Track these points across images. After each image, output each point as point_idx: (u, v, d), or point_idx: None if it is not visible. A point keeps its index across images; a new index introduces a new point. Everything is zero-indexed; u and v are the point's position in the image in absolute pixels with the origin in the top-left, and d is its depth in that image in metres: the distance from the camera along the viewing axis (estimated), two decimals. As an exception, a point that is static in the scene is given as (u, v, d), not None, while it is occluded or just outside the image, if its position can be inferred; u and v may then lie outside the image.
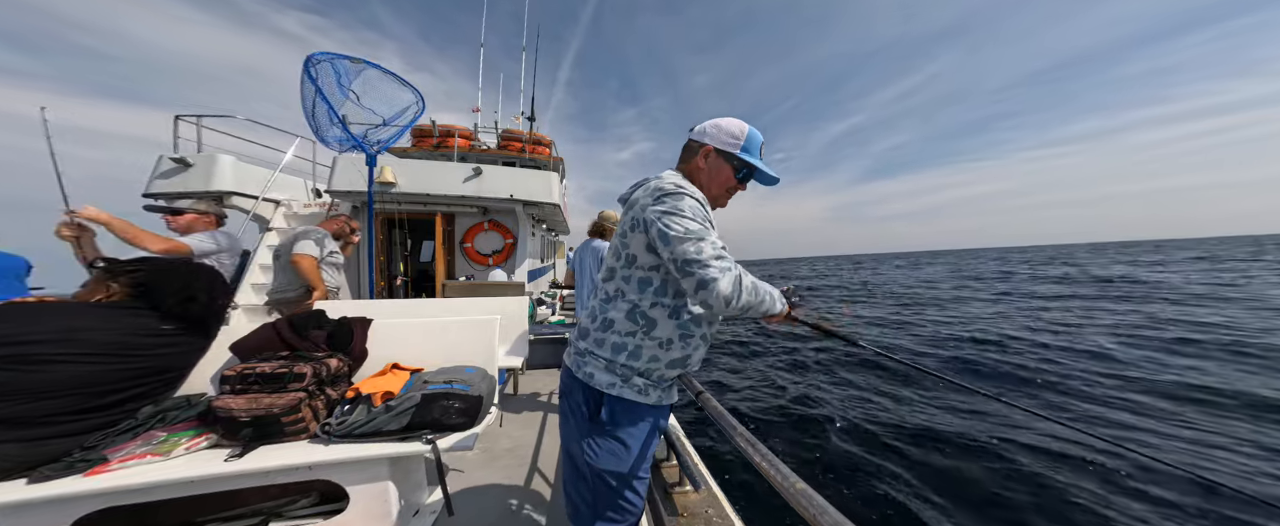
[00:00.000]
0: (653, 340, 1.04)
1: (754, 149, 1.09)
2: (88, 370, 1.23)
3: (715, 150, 1.08)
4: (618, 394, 1.03)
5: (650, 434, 1.09)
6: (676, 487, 1.45)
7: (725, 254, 0.94)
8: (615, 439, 1.03)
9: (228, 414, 1.41)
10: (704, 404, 1.35)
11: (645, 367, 1.05)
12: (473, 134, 8.22)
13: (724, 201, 1.15)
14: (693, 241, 0.92)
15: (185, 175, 4.63)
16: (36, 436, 1.18)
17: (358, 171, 4.35)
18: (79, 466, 1.20)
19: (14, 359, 1.15)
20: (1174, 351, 7.48)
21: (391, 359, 1.94)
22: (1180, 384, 5.83)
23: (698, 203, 0.99)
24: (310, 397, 1.53)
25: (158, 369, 1.41)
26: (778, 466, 0.84)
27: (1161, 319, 10.34)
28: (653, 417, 1.09)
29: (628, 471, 1.04)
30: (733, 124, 1.09)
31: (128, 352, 1.31)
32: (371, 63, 3.26)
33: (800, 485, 0.76)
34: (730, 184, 1.11)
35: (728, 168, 1.09)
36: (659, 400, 1.09)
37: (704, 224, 0.96)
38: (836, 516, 0.66)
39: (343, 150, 3.58)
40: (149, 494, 1.26)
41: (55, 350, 1.20)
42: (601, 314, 1.10)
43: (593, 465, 1.03)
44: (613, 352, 1.05)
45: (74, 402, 1.22)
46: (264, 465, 1.34)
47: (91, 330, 1.27)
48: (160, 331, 1.38)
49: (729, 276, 0.91)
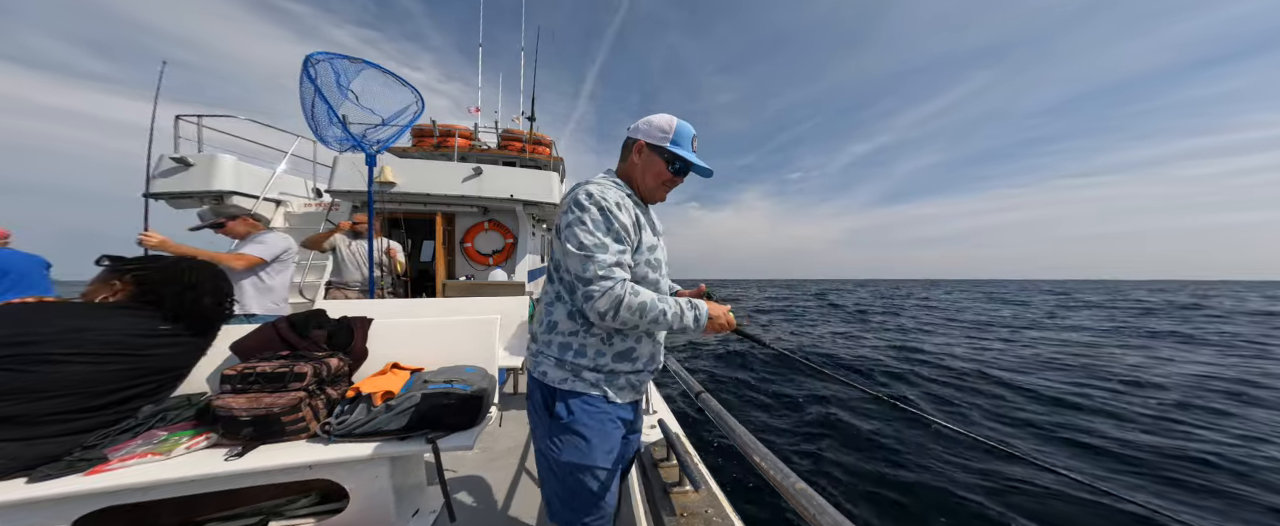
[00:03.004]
0: (594, 337, 1.09)
1: (684, 142, 1.13)
2: (90, 370, 1.23)
3: (647, 145, 1.13)
4: (570, 388, 1.07)
5: (611, 428, 1.10)
6: (676, 487, 1.45)
7: (612, 273, 0.97)
8: (574, 433, 1.06)
9: (228, 413, 1.41)
10: (704, 404, 1.35)
11: (594, 363, 1.09)
12: (473, 134, 8.21)
13: (661, 194, 1.20)
14: (582, 257, 0.97)
15: (186, 174, 4.63)
16: (37, 435, 1.18)
17: (358, 171, 4.35)
18: (79, 465, 1.21)
19: (16, 358, 1.15)
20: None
21: (391, 358, 1.94)
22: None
23: (603, 213, 1.02)
24: (310, 397, 1.53)
25: (159, 368, 1.41)
26: (778, 466, 0.85)
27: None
28: (613, 412, 1.11)
29: (591, 465, 1.07)
30: (662, 119, 1.14)
31: (129, 352, 1.31)
32: (370, 62, 3.26)
33: (800, 485, 0.76)
34: (665, 177, 1.15)
35: (660, 161, 1.13)
36: (617, 397, 1.11)
37: (605, 237, 1.00)
38: (836, 516, 0.66)
39: (342, 150, 3.58)
40: (149, 493, 1.26)
41: (58, 350, 1.20)
42: (546, 317, 1.15)
43: (557, 460, 1.07)
44: (560, 351, 1.10)
45: (75, 402, 1.22)
46: (264, 464, 1.34)
47: (94, 330, 1.27)
48: (162, 331, 1.39)
49: (607, 296, 0.96)
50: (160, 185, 4.61)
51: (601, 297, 0.96)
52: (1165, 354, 9.92)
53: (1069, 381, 7.08)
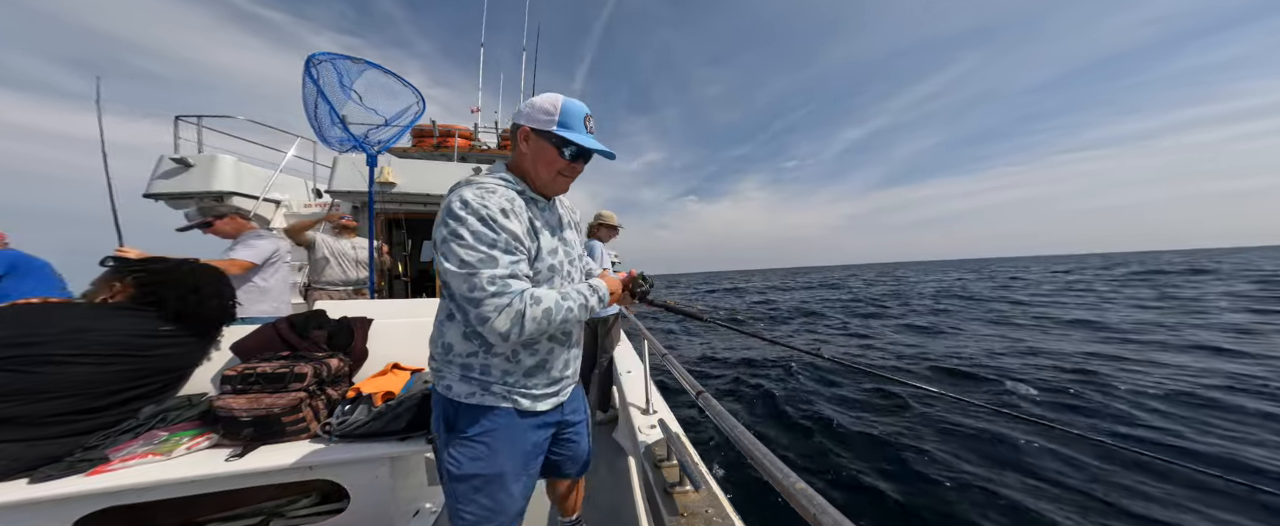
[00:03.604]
0: (498, 356, 1.00)
1: (574, 122, 0.97)
2: (93, 371, 1.24)
3: (532, 131, 0.98)
4: (478, 402, 1.00)
5: (522, 434, 1.04)
6: (676, 487, 1.45)
7: (506, 287, 0.86)
8: (480, 443, 0.99)
9: (229, 413, 1.41)
10: (704, 404, 1.35)
11: (501, 379, 1.01)
12: (473, 134, 8.21)
13: (560, 185, 1.05)
14: (466, 276, 0.85)
15: (186, 175, 4.63)
16: (39, 436, 1.18)
17: (358, 171, 4.34)
18: (80, 466, 1.21)
19: (20, 359, 1.16)
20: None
21: (392, 359, 1.94)
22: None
23: (484, 223, 0.89)
24: (311, 397, 1.53)
25: (161, 369, 1.41)
26: (778, 465, 0.85)
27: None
28: (523, 420, 1.04)
29: (495, 473, 0.99)
30: (545, 99, 0.98)
31: (132, 353, 1.31)
32: (372, 63, 3.26)
33: (800, 484, 0.76)
34: (558, 165, 1.00)
35: (550, 148, 0.98)
36: (531, 405, 1.04)
37: (491, 250, 0.87)
38: (836, 516, 0.67)
39: (343, 150, 3.58)
40: (150, 493, 1.26)
41: (61, 351, 1.20)
42: (439, 337, 1.04)
43: (457, 473, 0.99)
44: (463, 371, 1.01)
45: (77, 402, 1.22)
46: (265, 465, 1.34)
47: (97, 331, 1.27)
48: (163, 332, 1.39)
49: (504, 315, 0.85)
50: (160, 186, 4.61)
51: (499, 317, 0.85)
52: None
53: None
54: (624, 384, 2.67)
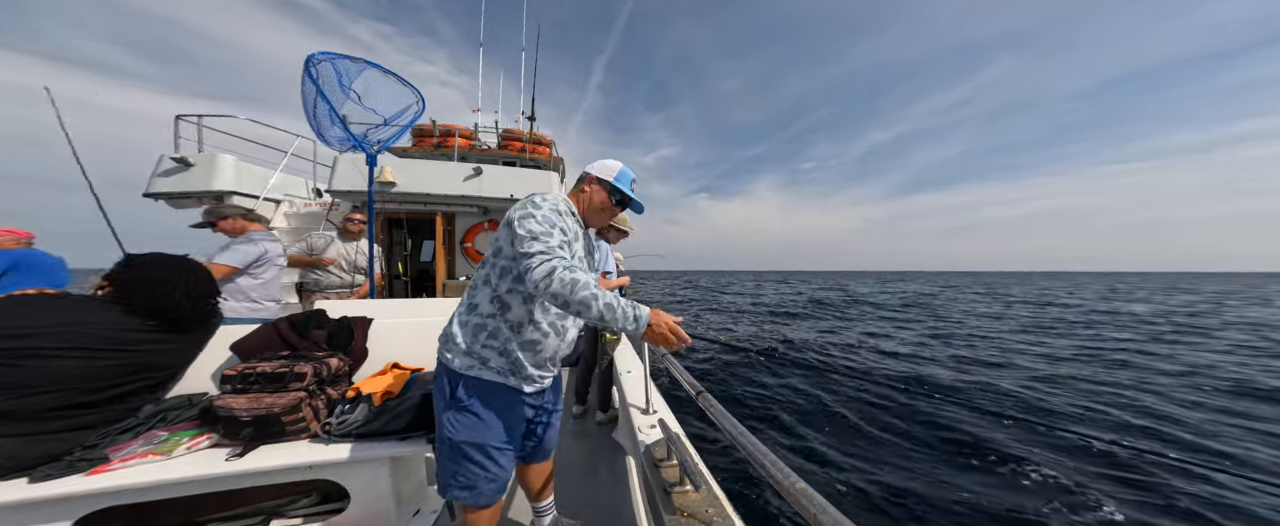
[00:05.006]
0: (507, 323, 1.23)
1: (624, 181, 1.39)
2: (81, 365, 1.23)
3: (596, 178, 1.38)
4: (475, 375, 1.21)
5: (509, 409, 1.27)
6: (676, 487, 1.45)
7: (559, 255, 1.11)
8: (473, 413, 1.21)
9: (229, 413, 1.41)
10: (704, 404, 1.35)
11: (503, 348, 1.23)
12: (473, 134, 8.21)
13: (603, 218, 1.43)
14: (529, 238, 1.13)
15: (186, 174, 4.63)
16: (34, 432, 1.18)
17: (358, 171, 4.34)
18: (80, 465, 1.21)
19: (9, 352, 1.15)
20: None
21: (392, 358, 1.94)
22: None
23: (553, 212, 1.21)
24: (311, 397, 1.53)
25: (152, 365, 1.40)
26: (778, 465, 0.84)
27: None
28: (511, 397, 1.27)
29: (484, 442, 1.22)
30: (611, 162, 1.42)
31: (120, 348, 1.31)
32: (372, 62, 3.25)
33: (800, 484, 0.76)
34: (605, 205, 1.39)
35: (604, 193, 1.38)
36: (519, 384, 1.27)
37: (552, 229, 1.16)
38: (836, 516, 0.66)
39: (343, 150, 3.57)
40: (150, 493, 1.26)
41: (49, 344, 1.19)
42: (469, 299, 1.30)
43: (452, 437, 1.21)
44: (474, 333, 1.23)
45: (68, 397, 1.22)
46: (265, 465, 1.34)
47: (89, 324, 1.27)
48: (146, 326, 1.37)
49: (545, 266, 1.07)
50: (160, 185, 4.61)
51: (540, 266, 1.07)
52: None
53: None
54: (624, 384, 2.67)
